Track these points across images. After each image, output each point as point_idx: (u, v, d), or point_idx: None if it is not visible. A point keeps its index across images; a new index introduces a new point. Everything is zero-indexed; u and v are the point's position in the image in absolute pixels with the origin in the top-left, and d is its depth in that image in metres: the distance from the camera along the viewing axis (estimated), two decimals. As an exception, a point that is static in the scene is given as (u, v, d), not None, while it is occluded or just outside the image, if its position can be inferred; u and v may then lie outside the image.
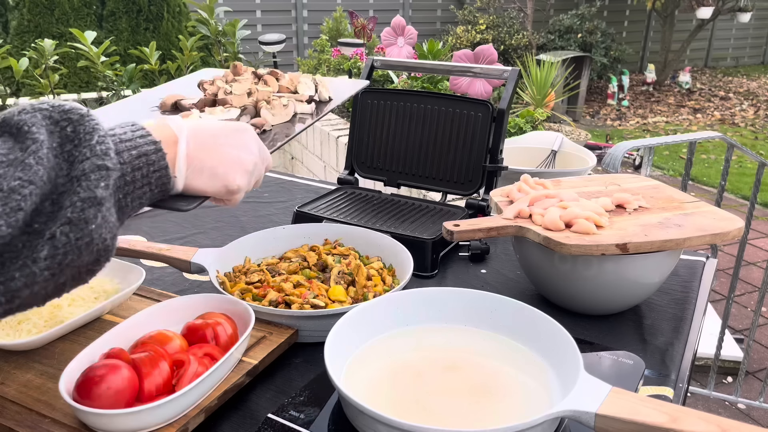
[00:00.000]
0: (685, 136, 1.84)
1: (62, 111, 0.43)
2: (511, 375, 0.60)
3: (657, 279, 0.77)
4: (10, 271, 0.38)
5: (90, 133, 0.43)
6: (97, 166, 0.42)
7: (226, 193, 0.55)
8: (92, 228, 0.41)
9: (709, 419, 0.47)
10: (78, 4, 3.59)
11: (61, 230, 0.40)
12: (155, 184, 0.48)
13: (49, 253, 0.39)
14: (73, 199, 0.40)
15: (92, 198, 0.41)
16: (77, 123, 0.43)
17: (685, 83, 6.65)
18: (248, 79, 0.84)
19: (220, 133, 0.55)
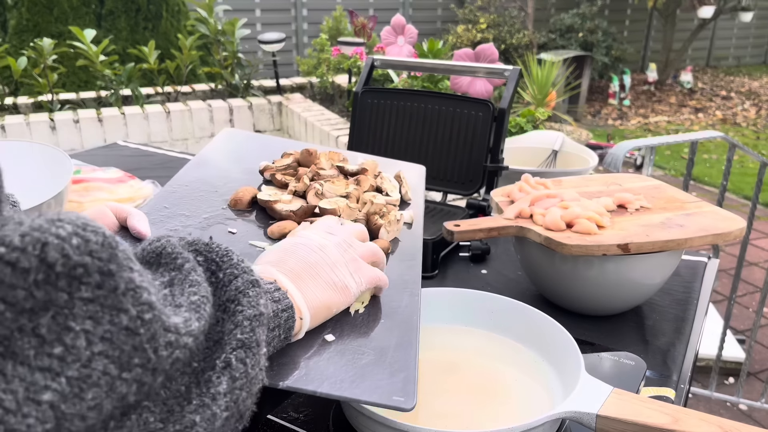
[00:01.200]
0: (687, 136, 1.83)
1: (187, 243, 0.38)
2: (512, 376, 0.59)
3: (658, 279, 0.77)
4: (187, 414, 0.30)
5: (227, 254, 0.38)
6: (250, 282, 0.36)
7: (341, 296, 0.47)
8: (262, 354, 0.35)
9: (710, 420, 0.46)
10: (77, 3, 3.59)
11: (236, 356, 0.33)
12: (283, 327, 0.41)
13: (227, 387, 0.32)
14: (238, 318, 0.34)
15: (258, 315, 0.35)
16: (206, 251, 0.38)
17: (686, 83, 6.64)
18: (335, 176, 0.69)
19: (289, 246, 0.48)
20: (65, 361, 0.24)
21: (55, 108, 2.97)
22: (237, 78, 3.41)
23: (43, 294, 0.24)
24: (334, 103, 3.50)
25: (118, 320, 0.26)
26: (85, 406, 0.25)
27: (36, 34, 3.43)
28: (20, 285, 0.23)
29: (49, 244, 0.24)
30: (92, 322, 0.25)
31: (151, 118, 3.00)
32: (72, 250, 0.25)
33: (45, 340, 0.24)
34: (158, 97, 3.30)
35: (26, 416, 0.23)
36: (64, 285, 0.25)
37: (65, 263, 0.25)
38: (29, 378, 0.23)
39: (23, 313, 0.24)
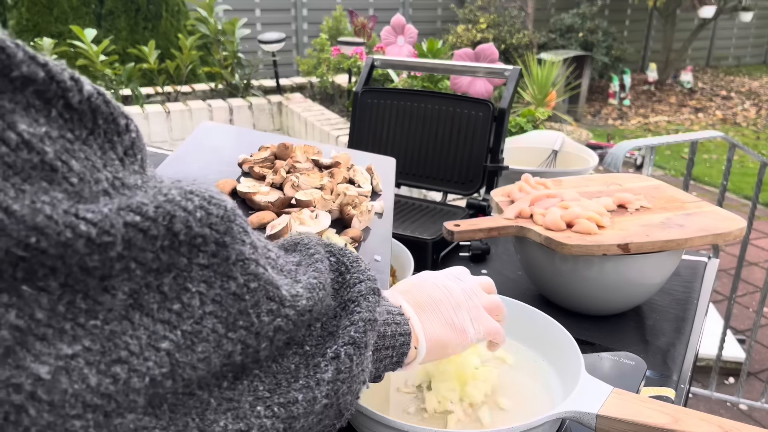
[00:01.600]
0: (687, 136, 1.83)
1: (322, 244, 0.41)
2: (512, 376, 0.59)
3: (658, 279, 0.77)
4: (292, 391, 0.32)
5: (357, 261, 0.41)
6: (372, 290, 0.39)
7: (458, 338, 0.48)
8: (368, 356, 0.37)
9: (710, 420, 0.46)
10: (76, 3, 3.59)
11: (345, 351, 0.35)
12: (397, 350, 0.43)
13: (332, 377, 0.34)
14: (354, 318, 0.37)
15: (372, 321, 0.37)
16: (339, 254, 0.41)
17: (686, 82, 6.64)
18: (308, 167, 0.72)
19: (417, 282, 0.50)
20: (181, 317, 0.28)
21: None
22: (237, 78, 3.41)
23: (168, 257, 0.27)
24: (334, 103, 3.50)
25: (228, 286, 0.29)
26: (195, 358, 0.28)
27: (36, 34, 3.43)
28: (149, 248, 0.27)
29: (177, 217, 0.27)
30: (206, 286, 0.29)
31: (151, 118, 3.00)
32: (195, 222, 0.28)
33: (167, 297, 0.27)
34: (158, 97, 3.29)
35: (147, 359, 0.26)
36: (185, 251, 0.28)
37: (187, 233, 0.28)
38: (152, 327, 0.27)
39: (151, 272, 0.27)
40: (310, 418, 0.33)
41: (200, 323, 0.28)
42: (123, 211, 0.26)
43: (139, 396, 0.26)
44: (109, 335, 0.26)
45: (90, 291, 0.26)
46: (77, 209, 0.25)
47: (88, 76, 3.53)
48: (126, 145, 0.30)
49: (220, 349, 0.29)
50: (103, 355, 0.25)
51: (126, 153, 0.30)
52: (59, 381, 0.24)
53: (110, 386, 0.25)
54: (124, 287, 0.26)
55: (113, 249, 0.26)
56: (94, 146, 0.28)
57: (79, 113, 0.28)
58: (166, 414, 0.28)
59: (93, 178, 0.27)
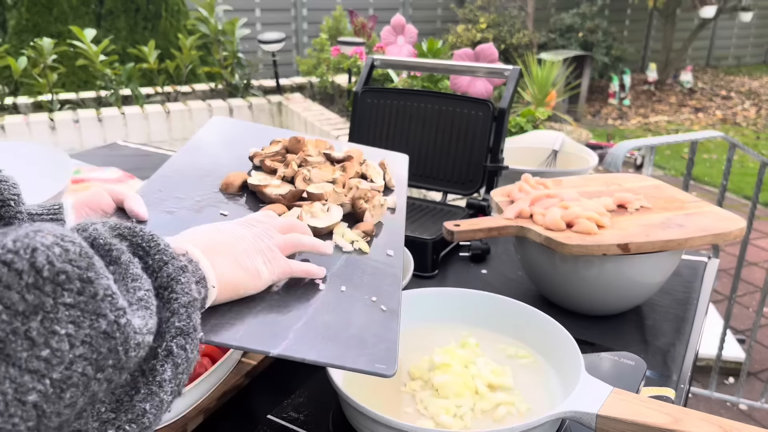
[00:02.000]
0: (687, 136, 1.83)
1: (110, 227, 0.38)
2: (512, 375, 0.59)
3: (658, 279, 0.77)
4: (137, 403, 0.32)
5: (154, 240, 0.38)
6: (180, 269, 0.37)
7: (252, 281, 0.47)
8: (199, 336, 0.37)
9: (710, 420, 0.46)
10: (76, 3, 3.58)
11: (176, 343, 0.34)
12: (199, 299, 0.41)
13: (172, 374, 0.34)
14: (174, 306, 0.36)
15: (192, 301, 0.37)
16: (131, 235, 0.38)
17: (686, 82, 6.64)
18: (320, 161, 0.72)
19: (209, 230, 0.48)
20: (51, 364, 0.26)
21: (55, 108, 2.97)
22: (237, 78, 3.41)
23: (33, 297, 0.26)
24: (334, 102, 3.50)
25: (98, 324, 0.28)
26: (62, 405, 0.27)
27: (36, 34, 3.43)
28: (15, 287, 0.25)
29: (38, 250, 0.27)
30: (74, 327, 0.27)
31: (150, 118, 2.99)
32: (55, 258, 0.27)
33: (35, 343, 0.26)
34: (158, 97, 3.29)
35: (12, 416, 0.25)
36: (49, 290, 0.27)
37: (50, 269, 0.27)
38: (19, 380, 0.25)
39: (17, 316, 0.25)
40: (162, 417, 0.33)
41: (70, 368, 0.27)
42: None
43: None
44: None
45: None
46: None
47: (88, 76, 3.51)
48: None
49: (87, 391, 0.28)
50: None
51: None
52: None
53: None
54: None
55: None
56: None
57: None
58: None
59: None
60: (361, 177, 0.72)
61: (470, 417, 0.54)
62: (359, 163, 0.74)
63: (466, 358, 0.60)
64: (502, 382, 0.58)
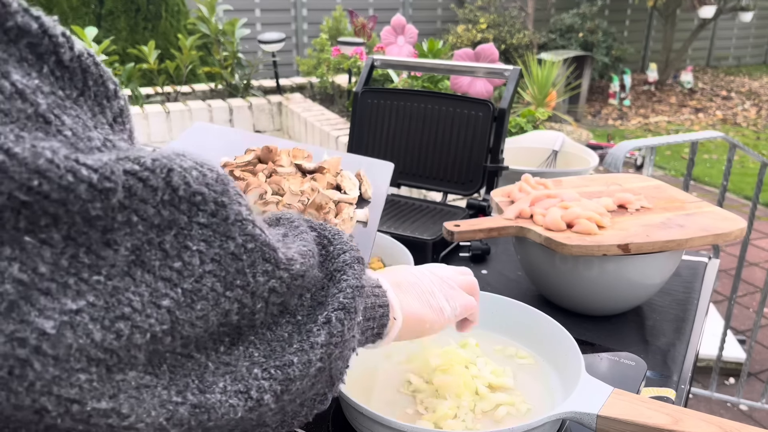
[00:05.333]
0: (687, 136, 1.83)
1: (306, 219, 0.42)
2: (513, 376, 0.59)
3: (659, 280, 0.77)
4: (287, 354, 0.33)
5: (339, 234, 0.41)
6: (356, 258, 0.39)
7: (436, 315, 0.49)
8: (358, 321, 0.38)
9: (711, 420, 0.46)
10: (76, 3, 3.59)
11: (336, 315, 0.36)
12: (378, 322, 0.43)
13: (325, 340, 0.35)
14: (342, 285, 0.37)
15: (359, 287, 0.38)
16: (320, 228, 0.41)
17: (686, 83, 6.64)
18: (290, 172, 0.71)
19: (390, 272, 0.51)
20: (182, 275, 0.28)
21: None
22: (237, 78, 3.41)
23: (168, 213, 0.28)
24: (334, 103, 3.49)
25: (227, 246, 0.30)
26: (194, 315, 0.28)
27: (36, 34, 3.43)
28: (150, 201, 0.27)
29: (174, 170, 0.28)
30: (206, 245, 0.29)
31: (150, 118, 3.00)
32: (192, 180, 0.28)
33: (168, 255, 0.28)
34: (158, 97, 3.29)
35: (149, 316, 0.27)
36: (185, 208, 0.28)
37: (186, 189, 0.28)
38: (153, 285, 0.27)
39: (152, 228, 0.27)
40: (305, 381, 0.34)
41: (200, 282, 0.29)
42: (122, 161, 0.26)
43: (140, 352, 0.27)
44: (112, 291, 0.26)
45: (93, 245, 0.26)
46: (77, 156, 0.25)
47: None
48: (115, 111, 0.30)
49: (217, 307, 0.29)
50: (107, 311, 0.26)
51: (115, 120, 0.30)
52: (64, 336, 0.24)
53: (114, 341, 0.26)
54: (126, 242, 0.26)
55: (114, 196, 0.25)
56: (85, 107, 0.29)
57: (69, 71, 0.28)
58: (166, 374, 0.28)
59: (85, 136, 0.27)
60: (335, 188, 0.72)
61: (470, 418, 0.54)
62: (334, 174, 0.73)
63: (467, 358, 0.60)
64: (502, 383, 0.58)
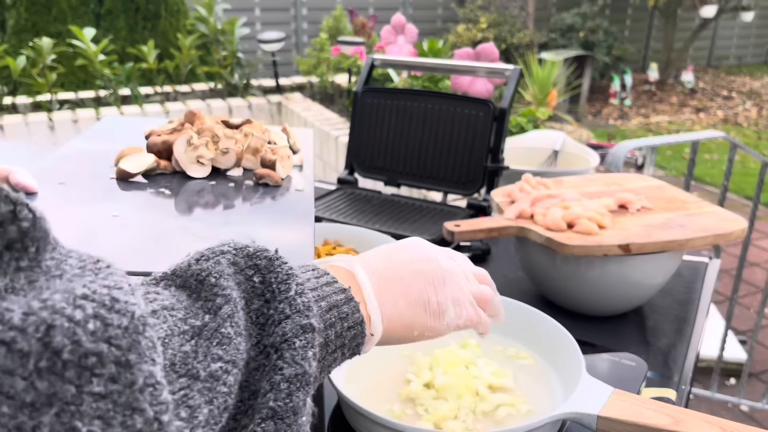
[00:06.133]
0: (688, 136, 1.83)
1: (247, 256, 0.32)
2: (513, 376, 0.59)
3: (659, 280, 0.76)
4: None
5: (286, 282, 0.32)
6: (301, 327, 0.31)
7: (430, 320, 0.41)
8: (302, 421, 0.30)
9: (711, 421, 0.46)
10: (75, 3, 3.58)
11: (263, 428, 0.28)
12: (348, 346, 0.36)
13: None
14: (275, 378, 0.29)
15: (301, 375, 0.30)
16: (266, 270, 0.32)
17: (687, 82, 6.63)
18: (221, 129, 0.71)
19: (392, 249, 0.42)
20: None
21: (54, 108, 2.96)
22: (236, 77, 3.41)
23: (47, 386, 0.20)
24: (333, 102, 3.49)
25: (132, 422, 0.22)
26: None
27: (35, 34, 3.43)
28: (18, 372, 0.20)
29: (57, 328, 0.20)
30: (101, 423, 0.21)
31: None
32: (85, 336, 0.21)
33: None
34: (157, 97, 3.29)
35: None
36: (71, 376, 0.21)
37: (74, 350, 0.21)
38: None
39: (23, 409, 0.20)
40: None
41: None
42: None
43: None
44: None
45: None
46: None
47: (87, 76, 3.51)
48: (11, 237, 0.23)
49: None
50: None
51: (8, 247, 0.23)
52: None
53: None
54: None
55: None
56: None
57: None
58: None
59: None
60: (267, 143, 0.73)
61: (471, 418, 0.53)
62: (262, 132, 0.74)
63: (467, 359, 0.60)
64: (502, 383, 0.57)
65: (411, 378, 0.58)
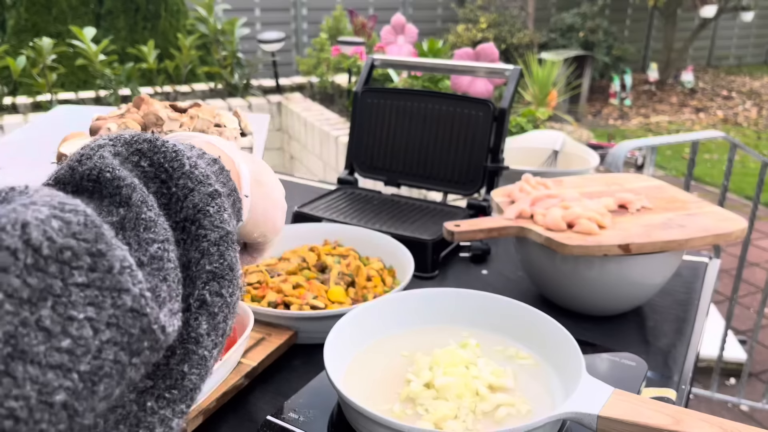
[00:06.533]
0: (688, 136, 1.83)
1: (126, 144, 0.32)
2: (512, 376, 0.59)
3: (659, 280, 0.77)
4: (176, 367, 0.28)
5: (176, 160, 0.32)
6: (209, 195, 0.32)
7: (271, 234, 0.44)
8: (239, 274, 0.32)
9: (711, 421, 0.46)
10: (75, 3, 3.58)
11: (209, 290, 0.30)
12: (233, 209, 0.37)
13: (208, 327, 0.29)
14: (203, 245, 0.30)
15: (225, 236, 0.31)
16: (151, 153, 0.32)
17: (687, 82, 6.63)
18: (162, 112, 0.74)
19: (262, 170, 0.44)
20: (75, 355, 0.22)
21: (54, 108, 2.96)
22: (236, 77, 3.41)
23: (37, 281, 0.22)
24: (333, 102, 3.49)
25: (122, 302, 0.24)
26: (97, 399, 0.23)
27: (35, 34, 3.43)
28: (12, 270, 0.21)
29: (30, 224, 0.22)
30: (94, 309, 0.23)
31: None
32: (55, 233, 0.22)
33: (51, 333, 0.22)
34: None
35: (38, 422, 0.21)
36: (55, 271, 0.22)
37: (51, 246, 0.22)
38: (42, 379, 0.21)
39: (23, 305, 0.21)
40: (206, 378, 0.30)
41: (99, 357, 0.23)
42: None
43: None
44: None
45: None
46: None
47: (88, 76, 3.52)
48: None
49: (123, 379, 0.24)
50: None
51: None
52: None
53: None
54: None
55: None
56: None
57: None
58: None
59: None
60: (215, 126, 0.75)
61: (471, 418, 0.53)
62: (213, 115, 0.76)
63: (467, 359, 0.60)
64: (502, 383, 0.57)
65: (411, 378, 0.58)
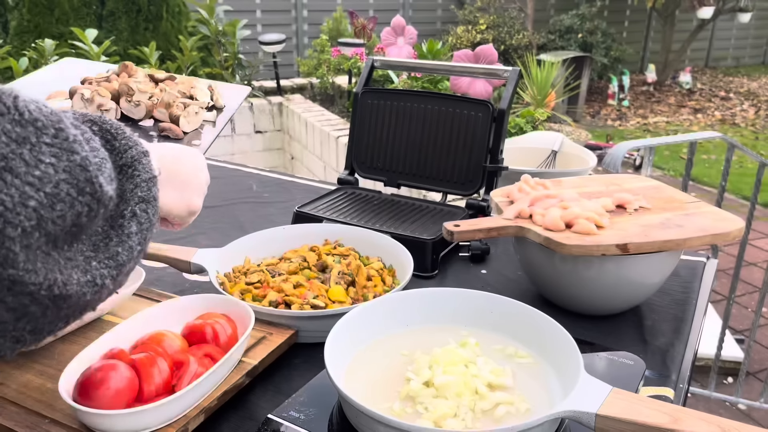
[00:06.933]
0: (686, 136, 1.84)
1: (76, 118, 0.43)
2: (512, 375, 0.59)
3: (657, 279, 0.77)
4: (111, 247, 0.41)
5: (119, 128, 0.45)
6: (142, 153, 0.45)
7: (186, 215, 0.59)
8: (158, 207, 0.45)
9: (709, 420, 0.47)
10: (77, 4, 3.59)
11: (139, 207, 0.43)
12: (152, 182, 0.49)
13: (137, 228, 0.42)
14: (137, 180, 0.43)
15: (152, 178, 0.44)
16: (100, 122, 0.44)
17: (685, 83, 6.64)
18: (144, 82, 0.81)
19: (182, 156, 0.58)
20: (43, 181, 0.34)
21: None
22: (237, 79, 3.42)
23: (21, 130, 0.33)
24: (334, 103, 3.50)
25: (73, 158, 0.36)
26: (55, 215, 0.34)
27: (37, 35, 3.43)
28: (6, 116, 0.32)
29: (19, 98, 0.33)
30: (55, 159, 0.35)
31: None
32: (31, 109, 0.34)
33: (29, 164, 0.33)
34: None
35: (18, 214, 0.32)
36: (32, 130, 0.34)
37: (29, 115, 0.34)
38: (21, 188, 0.32)
39: (12, 142, 0.32)
40: (133, 263, 0.43)
41: (57, 187, 0.34)
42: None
43: (15, 245, 0.32)
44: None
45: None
46: None
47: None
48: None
49: (73, 209, 0.35)
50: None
51: None
52: None
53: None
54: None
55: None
56: None
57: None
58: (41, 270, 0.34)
59: None
60: (189, 98, 0.81)
61: (470, 417, 0.54)
62: (189, 87, 0.82)
63: (466, 357, 0.60)
64: (501, 382, 0.58)
65: (411, 376, 0.59)
